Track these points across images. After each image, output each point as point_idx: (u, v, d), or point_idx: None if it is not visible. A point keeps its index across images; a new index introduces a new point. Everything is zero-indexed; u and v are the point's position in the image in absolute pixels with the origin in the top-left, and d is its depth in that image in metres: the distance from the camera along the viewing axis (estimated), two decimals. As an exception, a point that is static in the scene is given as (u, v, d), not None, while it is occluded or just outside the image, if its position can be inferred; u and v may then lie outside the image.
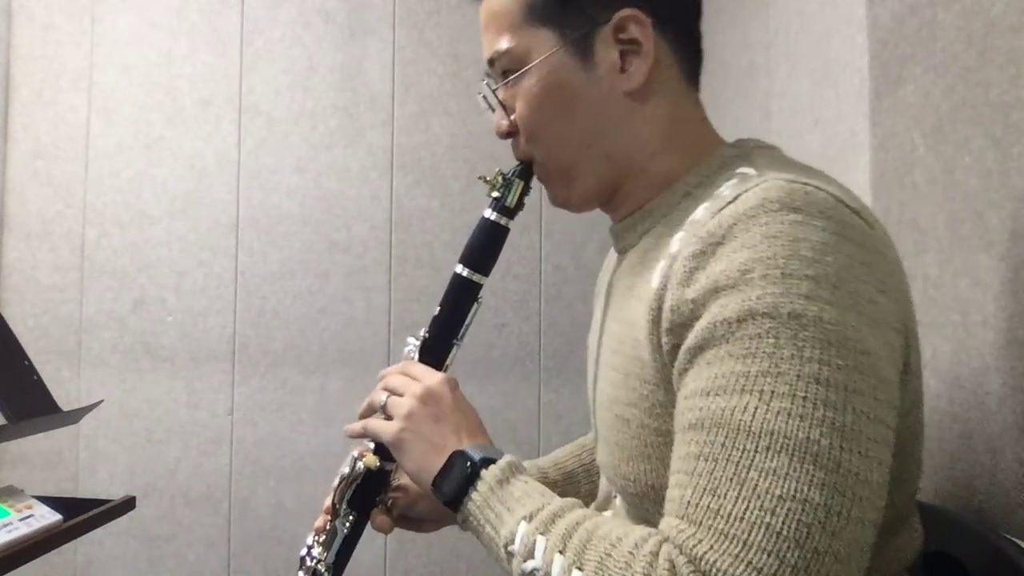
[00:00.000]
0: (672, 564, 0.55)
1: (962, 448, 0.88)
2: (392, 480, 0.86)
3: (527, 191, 0.82)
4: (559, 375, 2.06)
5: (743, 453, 0.54)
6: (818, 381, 0.54)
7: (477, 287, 0.82)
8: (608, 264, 0.92)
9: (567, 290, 2.07)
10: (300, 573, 0.84)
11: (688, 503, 0.56)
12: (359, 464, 0.83)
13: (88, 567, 2.09)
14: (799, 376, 0.54)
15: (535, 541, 0.63)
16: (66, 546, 1.11)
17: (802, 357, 0.54)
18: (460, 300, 0.82)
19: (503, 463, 0.71)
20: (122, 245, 2.13)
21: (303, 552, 0.85)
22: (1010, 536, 0.74)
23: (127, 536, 2.07)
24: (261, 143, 2.12)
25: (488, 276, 0.82)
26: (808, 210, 0.58)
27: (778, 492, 0.52)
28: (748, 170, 0.67)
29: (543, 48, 0.74)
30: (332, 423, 2.07)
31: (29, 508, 1.06)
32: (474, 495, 0.70)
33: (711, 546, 0.53)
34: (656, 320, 0.64)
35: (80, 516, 1.11)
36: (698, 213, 0.65)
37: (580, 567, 0.59)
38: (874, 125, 1.12)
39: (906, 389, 0.62)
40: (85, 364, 2.12)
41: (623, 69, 0.73)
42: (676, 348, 0.62)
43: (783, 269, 0.56)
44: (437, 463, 0.73)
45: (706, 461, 0.56)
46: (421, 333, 0.84)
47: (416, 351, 0.83)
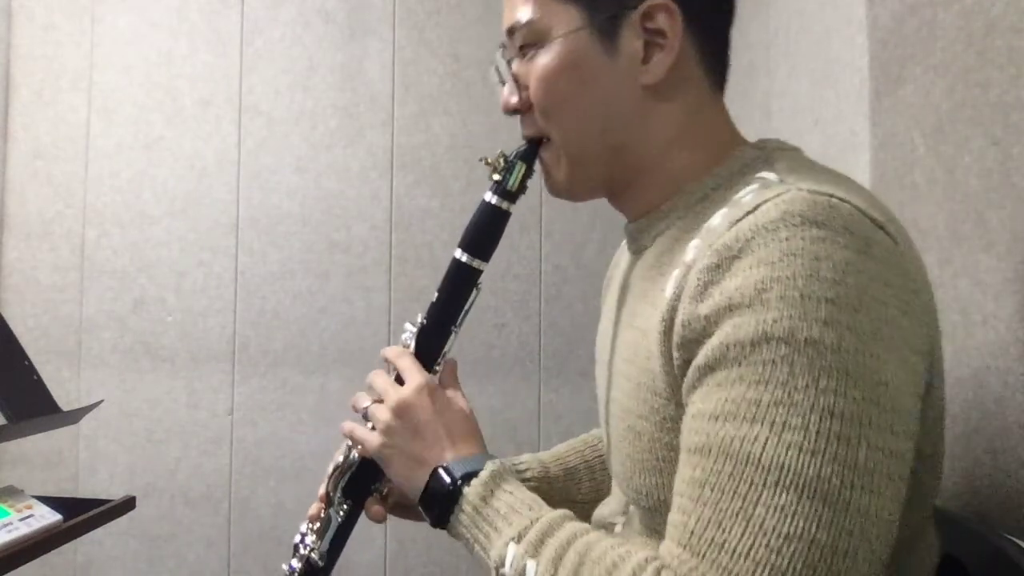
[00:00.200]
0: None
1: (962, 448, 0.88)
2: None
3: (530, 174, 0.78)
4: (559, 375, 2.06)
5: (750, 487, 0.52)
6: (832, 414, 0.51)
7: (476, 273, 0.79)
8: (620, 261, 0.89)
9: (567, 290, 2.07)
10: (293, 560, 0.82)
11: (692, 533, 0.54)
12: (354, 453, 0.81)
13: (88, 567, 2.09)
14: (813, 408, 0.52)
15: (525, 565, 0.62)
16: (66, 546, 1.11)
17: (817, 387, 0.52)
18: (459, 286, 0.80)
19: (485, 476, 0.69)
20: (122, 245, 2.13)
21: (296, 539, 0.83)
22: (1010, 536, 0.74)
23: (127, 536, 2.07)
24: (261, 143, 2.12)
25: (488, 262, 0.79)
26: (831, 225, 0.55)
27: (785, 531, 0.51)
28: (769, 175, 0.65)
29: (566, 25, 0.70)
30: (332, 423, 2.07)
31: (29, 508, 1.06)
32: (460, 515, 0.69)
33: None
34: (668, 332, 0.61)
35: (80, 516, 1.11)
36: (715, 220, 0.63)
37: None
38: (874, 125, 1.12)
39: (928, 408, 0.60)
40: (85, 364, 2.12)
41: (645, 60, 0.70)
42: (687, 363, 0.59)
43: (802, 291, 0.53)
44: (420, 479, 0.72)
45: (712, 490, 0.54)
46: (419, 319, 0.81)
47: (413, 338, 0.80)
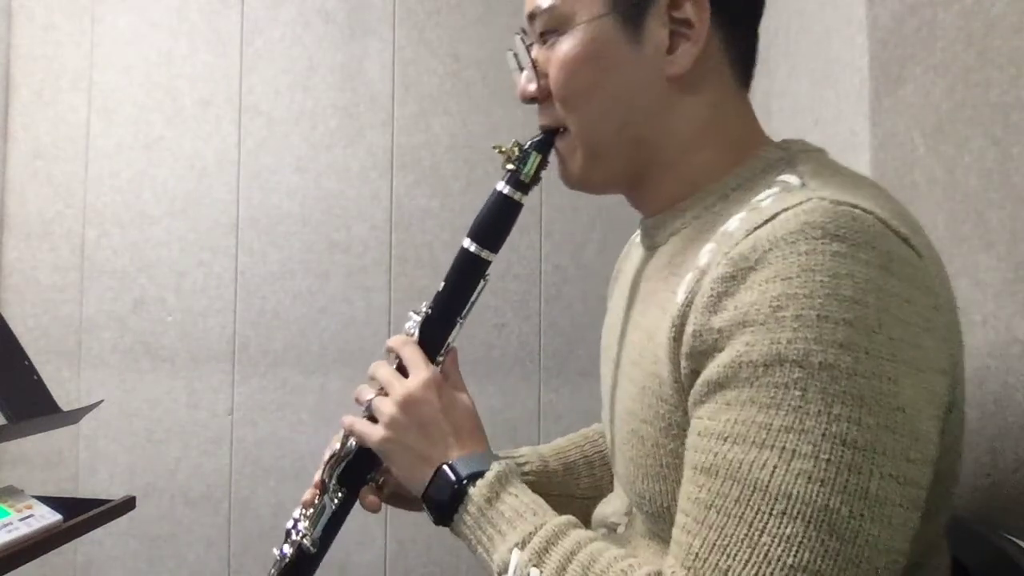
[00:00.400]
0: None
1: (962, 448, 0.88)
2: None
3: (544, 165, 0.75)
4: (559, 375, 2.06)
5: (757, 514, 0.51)
6: (844, 442, 0.50)
7: (485, 264, 0.77)
8: (631, 255, 0.87)
9: (567, 290, 2.07)
10: (285, 546, 0.81)
11: (696, 556, 0.53)
12: (351, 441, 0.80)
13: (88, 567, 2.09)
14: (824, 435, 0.50)
15: (528, 574, 0.61)
16: (66, 546, 1.11)
17: (830, 414, 0.50)
18: (466, 276, 0.77)
19: (491, 477, 0.68)
20: (122, 245, 2.13)
21: (289, 525, 0.82)
22: (1010, 536, 0.74)
23: (127, 536, 2.07)
24: (261, 143, 2.12)
25: (497, 253, 0.77)
26: (853, 239, 0.53)
27: (790, 561, 0.50)
28: (791, 178, 0.62)
29: (590, 11, 0.68)
30: (332, 423, 2.05)
31: (29, 508, 1.06)
32: (464, 516, 0.68)
33: None
34: (677, 339, 0.60)
35: (80, 516, 1.10)
36: (731, 224, 0.60)
37: None
38: (874, 125, 1.12)
39: (948, 428, 0.58)
40: (85, 364, 2.12)
41: (670, 51, 0.67)
42: (695, 374, 0.58)
43: (819, 311, 0.51)
44: (424, 476, 0.71)
45: (718, 514, 0.53)
46: (423, 308, 0.79)
47: (417, 328, 0.78)
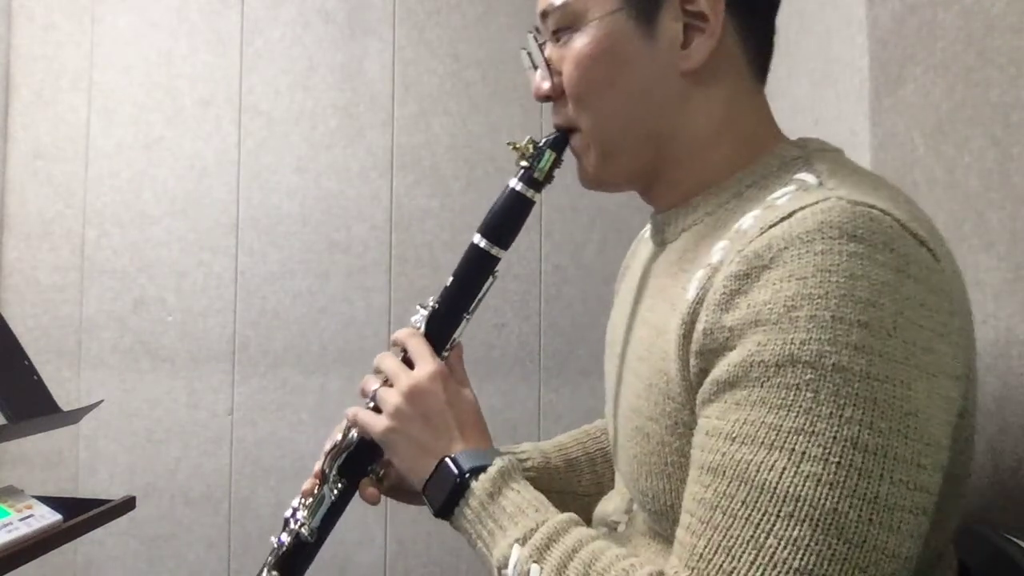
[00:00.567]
0: None
1: (962, 448, 0.88)
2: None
3: (558, 163, 0.75)
4: (559, 375, 2.06)
5: (763, 516, 0.50)
6: (855, 446, 0.49)
7: (494, 260, 0.76)
8: (640, 250, 0.86)
9: (567, 290, 2.07)
10: (283, 534, 0.81)
11: (700, 556, 0.53)
12: (353, 432, 0.80)
13: (88, 567, 2.09)
14: (835, 439, 0.49)
15: (529, 570, 0.61)
16: (66, 546, 1.11)
17: (841, 417, 0.50)
18: (475, 272, 0.77)
19: (494, 472, 0.68)
20: (122, 245, 2.13)
21: (288, 513, 0.82)
22: (1010, 536, 0.74)
23: (127, 536, 2.07)
24: (261, 143, 2.12)
25: (507, 250, 0.76)
26: (871, 240, 0.52)
27: (796, 565, 0.49)
28: (808, 177, 0.61)
29: (602, 7, 0.67)
30: (332, 423, 2.06)
31: (29, 508, 1.06)
32: (465, 510, 0.68)
33: None
34: (687, 336, 0.59)
35: (80, 516, 1.10)
36: (746, 221, 0.60)
37: None
38: (874, 125, 1.12)
39: (959, 434, 0.57)
40: (85, 364, 2.12)
41: (684, 45, 0.66)
42: (704, 372, 0.57)
43: (834, 312, 0.51)
44: (426, 468, 0.71)
45: (723, 515, 0.52)
46: (430, 302, 0.79)
47: (423, 321, 0.78)
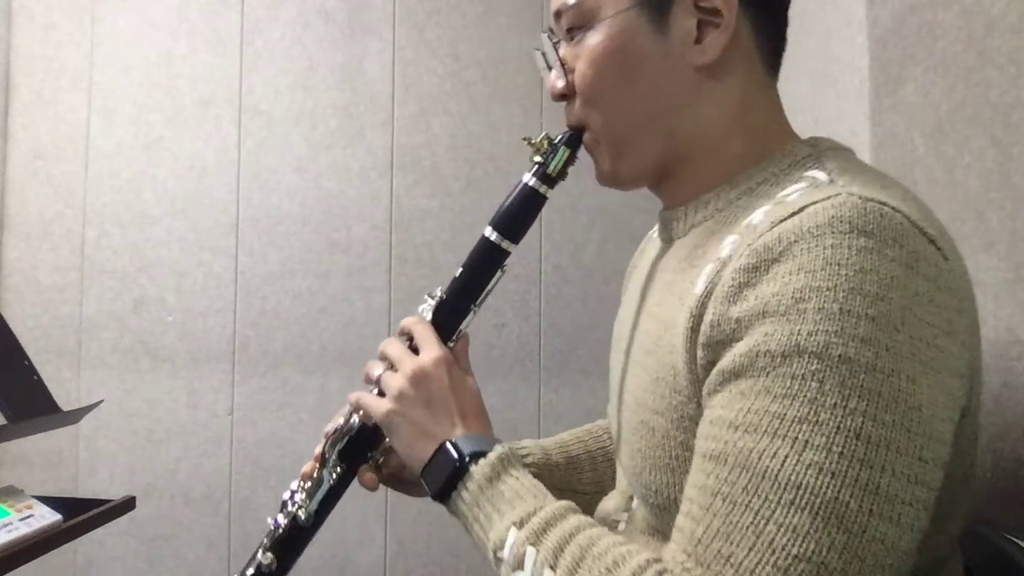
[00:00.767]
0: None
1: (962, 448, 0.88)
2: (387, 439, 0.80)
3: (572, 161, 0.75)
4: (559, 375, 2.06)
5: (764, 502, 0.51)
6: (858, 436, 0.49)
7: (504, 254, 0.76)
8: (647, 249, 0.87)
9: (567, 290, 2.07)
10: (279, 516, 0.81)
11: (699, 542, 0.53)
12: (355, 417, 0.80)
13: (88, 567, 2.09)
14: (838, 429, 0.50)
15: (525, 552, 0.60)
16: (66, 546, 1.11)
17: (846, 408, 0.50)
18: (484, 265, 0.77)
19: (493, 458, 0.68)
20: (122, 245, 2.13)
21: (286, 496, 0.82)
22: (1010, 536, 0.74)
23: (127, 536, 2.07)
24: (261, 143, 2.12)
25: (517, 244, 0.76)
26: (881, 235, 0.52)
27: (795, 551, 0.49)
28: (819, 174, 0.62)
29: (616, 4, 0.68)
30: (332, 423, 2.07)
31: (29, 508, 1.06)
32: (463, 493, 0.67)
33: None
34: (695, 329, 0.59)
35: (80, 516, 1.11)
36: (756, 216, 0.60)
37: None
38: (874, 125, 1.12)
39: (962, 433, 0.57)
40: (85, 364, 2.12)
41: (698, 40, 0.67)
42: (711, 364, 0.57)
43: (842, 305, 0.51)
44: (426, 451, 0.71)
45: (724, 501, 0.52)
46: (437, 292, 0.79)
47: (430, 311, 0.78)
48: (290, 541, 0.81)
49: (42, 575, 1.98)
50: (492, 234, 0.76)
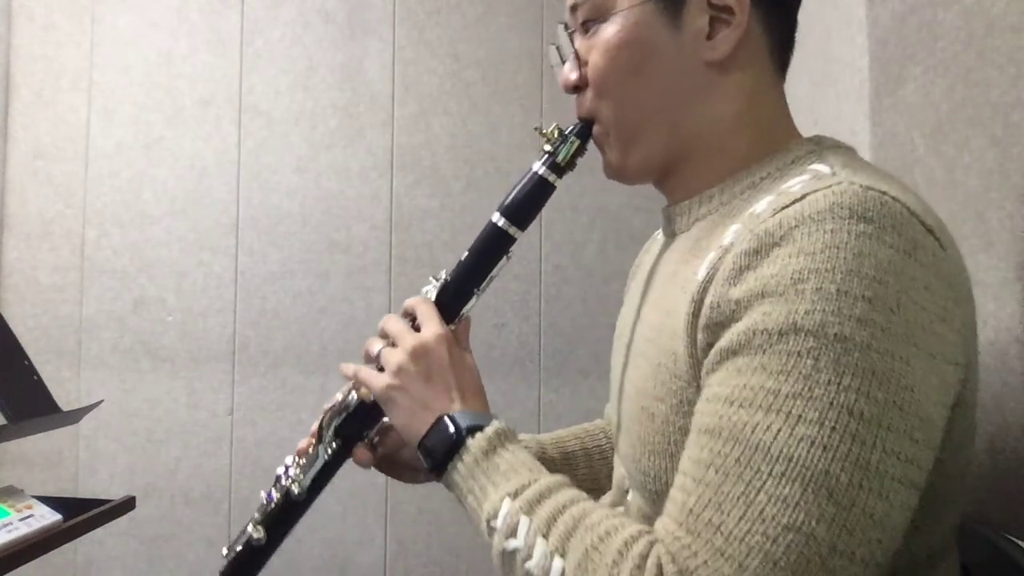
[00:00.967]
0: (660, 571, 0.53)
1: (962, 448, 0.88)
2: (384, 418, 0.82)
3: (582, 152, 0.76)
4: (559, 375, 2.06)
5: (755, 473, 0.51)
6: (851, 413, 0.50)
7: (511, 240, 0.77)
8: (651, 248, 0.88)
9: (567, 290, 2.07)
10: (272, 490, 0.82)
11: (690, 511, 0.54)
12: (353, 395, 0.81)
13: (88, 567, 2.09)
14: (831, 404, 0.50)
15: (518, 521, 0.61)
16: (66, 546, 1.11)
17: (839, 384, 0.51)
18: (490, 249, 0.78)
19: (490, 431, 0.69)
20: (122, 245, 2.13)
21: (280, 470, 0.83)
22: (1010, 536, 0.74)
23: (127, 536, 2.07)
24: (261, 143, 2.12)
25: (524, 231, 0.77)
26: (880, 222, 0.53)
27: (784, 521, 0.50)
28: (822, 167, 0.63)
29: None
30: (332, 423, 2.07)
31: (29, 508, 1.06)
32: (459, 465, 0.68)
33: (704, 561, 0.51)
34: (696, 313, 0.60)
35: (80, 516, 1.11)
36: (759, 206, 0.61)
37: (563, 554, 0.58)
38: (874, 125, 1.12)
39: (957, 424, 0.58)
40: (85, 364, 2.12)
41: (710, 36, 0.68)
42: (710, 346, 0.58)
43: (840, 286, 0.52)
44: (424, 424, 0.71)
45: (716, 472, 0.53)
46: (442, 275, 0.80)
47: (434, 292, 0.79)
48: (282, 515, 0.82)
49: (42, 575, 1.98)
50: (500, 220, 0.76)
